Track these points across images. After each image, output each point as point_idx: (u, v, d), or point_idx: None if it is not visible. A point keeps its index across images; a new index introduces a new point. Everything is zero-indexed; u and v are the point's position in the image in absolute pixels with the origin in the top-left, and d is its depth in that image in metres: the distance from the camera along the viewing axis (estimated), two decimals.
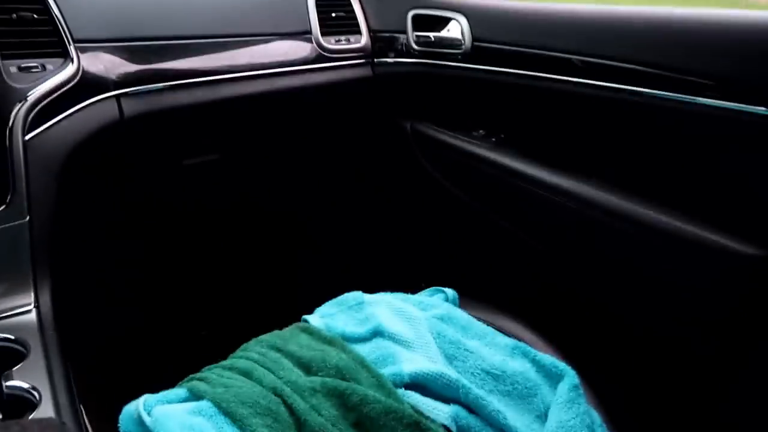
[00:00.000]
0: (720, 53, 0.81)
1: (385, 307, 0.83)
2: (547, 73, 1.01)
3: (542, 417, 0.71)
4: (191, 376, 0.72)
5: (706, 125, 0.86)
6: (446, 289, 0.91)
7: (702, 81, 0.84)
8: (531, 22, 1.05)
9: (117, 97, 0.90)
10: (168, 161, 1.03)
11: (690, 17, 0.87)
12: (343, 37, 1.18)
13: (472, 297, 1.02)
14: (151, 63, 0.94)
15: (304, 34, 1.12)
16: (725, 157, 0.86)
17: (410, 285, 1.32)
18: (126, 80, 0.91)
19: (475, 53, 1.12)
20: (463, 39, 1.14)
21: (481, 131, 1.16)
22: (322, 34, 1.14)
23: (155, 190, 1.08)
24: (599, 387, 0.80)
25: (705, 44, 0.84)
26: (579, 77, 0.97)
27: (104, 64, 0.88)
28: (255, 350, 0.75)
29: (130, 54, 0.92)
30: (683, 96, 0.86)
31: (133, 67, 0.92)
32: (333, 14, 1.17)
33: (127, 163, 0.97)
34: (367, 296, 0.86)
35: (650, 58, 0.88)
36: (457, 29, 1.15)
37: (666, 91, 0.88)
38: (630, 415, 0.77)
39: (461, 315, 0.83)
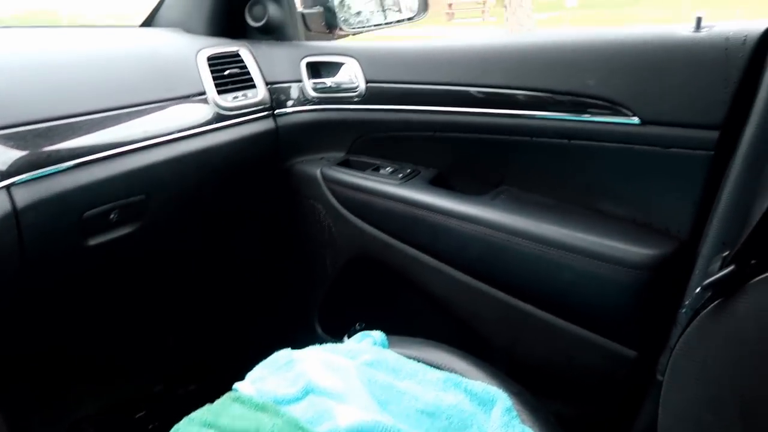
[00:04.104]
0: (590, 73, 0.88)
1: (314, 362, 0.82)
2: (439, 105, 1.06)
3: None
4: None
5: (592, 139, 0.92)
6: (373, 332, 0.92)
7: (580, 99, 0.91)
8: (418, 60, 1.10)
9: (7, 187, 0.86)
10: (70, 244, 0.99)
11: (559, 41, 0.95)
12: (240, 93, 1.18)
13: (403, 333, 1.04)
14: (40, 147, 0.90)
15: (199, 96, 1.11)
16: (613, 166, 0.93)
17: (344, 328, 1.33)
18: (15, 168, 0.87)
19: (371, 94, 1.16)
20: (357, 81, 1.17)
21: (388, 168, 1.19)
22: (218, 93, 1.14)
23: (58, 275, 1.04)
24: (534, 404, 0.83)
25: (576, 66, 0.91)
26: (470, 107, 1.02)
27: None
28: (187, 431, 0.73)
29: (16, 140, 0.88)
30: (566, 115, 0.92)
31: (20, 153, 0.88)
32: (226, 72, 1.17)
33: (25, 255, 0.92)
34: (296, 353, 0.86)
35: (535, 84, 0.95)
36: (350, 72, 1.18)
37: (553, 112, 0.94)
38: (564, 427, 0.80)
39: (391, 357, 0.84)
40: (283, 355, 0.86)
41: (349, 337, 1.37)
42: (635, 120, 0.85)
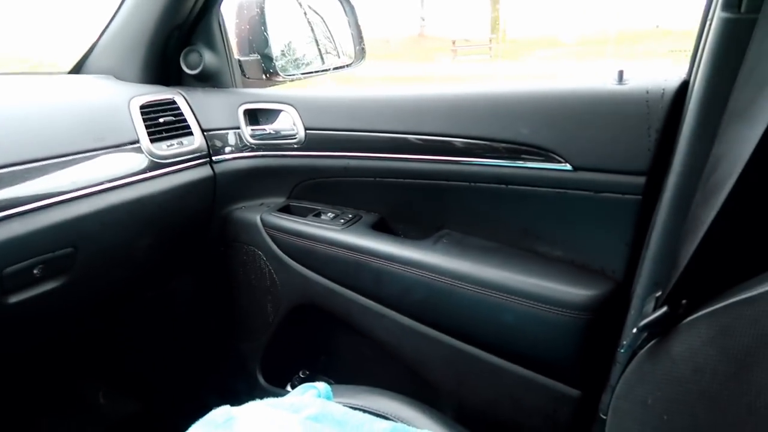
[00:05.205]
0: (523, 123, 0.91)
1: (255, 419, 0.79)
2: (378, 152, 1.07)
3: None
4: None
5: (528, 184, 0.95)
6: (317, 384, 0.89)
7: (515, 147, 0.93)
8: (356, 108, 1.11)
9: None
10: None
11: (494, 92, 0.98)
12: (175, 141, 1.15)
13: (348, 380, 1.01)
14: None
15: (131, 144, 1.08)
16: (548, 210, 0.96)
17: (288, 377, 1.29)
18: None
19: (310, 140, 1.16)
20: (296, 128, 1.17)
21: (330, 214, 1.19)
22: (152, 141, 1.10)
23: None
24: None
25: (510, 116, 0.94)
26: (408, 154, 1.04)
27: None
28: None
29: None
30: (502, 162, 0.95)
31: None
32: (161, 119, 1.15)
33: None
34: (235, 410, 0.82)
35: (471, 132, 0.98)
36: (289, 119, 1.18)
37: (489, 158, 0.97)
38: None
39: (335, 409, 0.82)
40: (222, 412, 0.82)
41: (292, 385, 1.34)
42: (567, 166, 0.88)
